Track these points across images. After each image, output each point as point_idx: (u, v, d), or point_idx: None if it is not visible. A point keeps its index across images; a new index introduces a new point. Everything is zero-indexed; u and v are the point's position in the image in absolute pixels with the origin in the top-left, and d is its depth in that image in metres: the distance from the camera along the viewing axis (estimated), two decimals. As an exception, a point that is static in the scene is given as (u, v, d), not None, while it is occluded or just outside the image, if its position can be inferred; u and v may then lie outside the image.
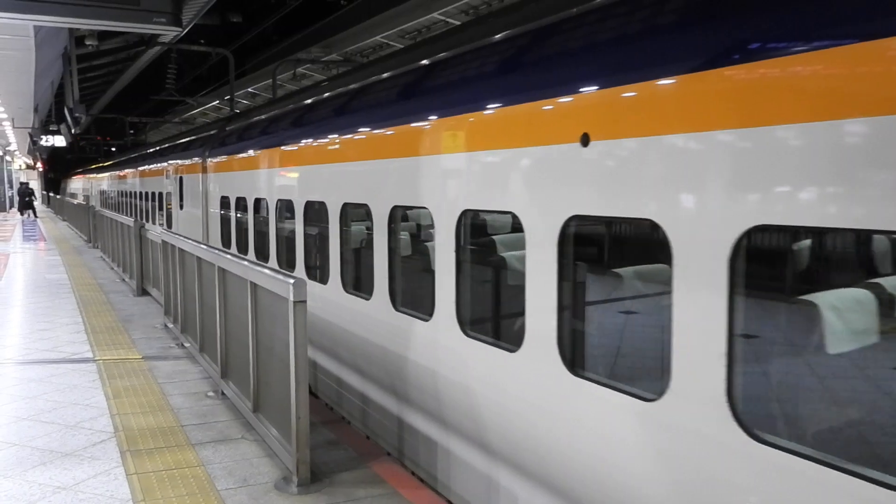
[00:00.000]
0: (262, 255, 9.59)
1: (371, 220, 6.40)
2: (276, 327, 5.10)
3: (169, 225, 16.22)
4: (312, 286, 6.71)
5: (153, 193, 18.89)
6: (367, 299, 6.47)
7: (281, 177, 8.85)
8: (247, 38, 26.96)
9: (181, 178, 14.81)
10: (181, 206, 14.86)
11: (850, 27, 2.69)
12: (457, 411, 5.12)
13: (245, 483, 4.83)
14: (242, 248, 10.62)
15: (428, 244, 5.69)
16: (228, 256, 6.41)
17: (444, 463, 5.38)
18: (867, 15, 2.64)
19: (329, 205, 7.29)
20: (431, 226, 5.44)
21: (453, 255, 5.15)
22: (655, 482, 3.47)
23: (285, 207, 8.79)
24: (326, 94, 8.48)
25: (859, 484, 2.56)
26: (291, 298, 4.61)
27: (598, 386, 3.79)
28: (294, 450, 4.75)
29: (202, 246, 7.52)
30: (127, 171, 25.20)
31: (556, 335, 4.04)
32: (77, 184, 51.59)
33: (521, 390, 4.36)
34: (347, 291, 6.99)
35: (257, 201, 9.83)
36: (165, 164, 16.92)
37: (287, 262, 8.75)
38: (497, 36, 5.22)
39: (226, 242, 11.62)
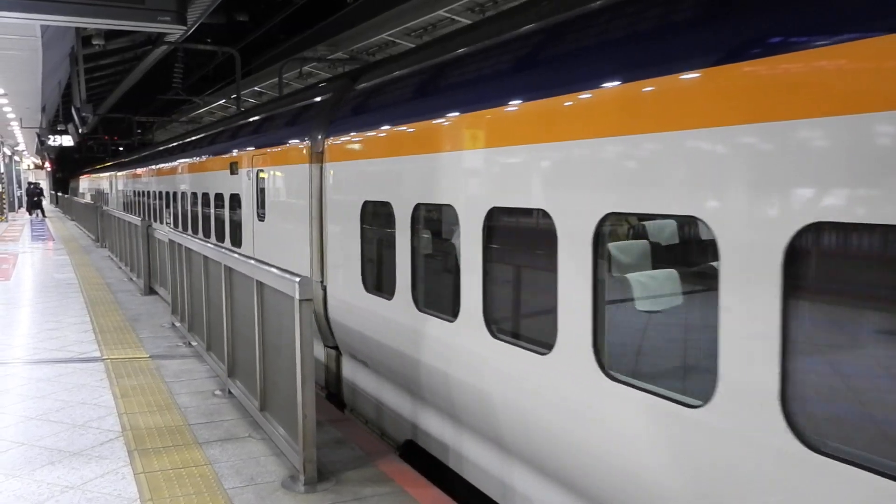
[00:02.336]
0: (537, 337, 4.61)
1: None
2: (282, 326, 5.10)
3: (236, 242, 11.09)
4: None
5: (204, 196, 13.41)
6: None
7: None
8: (253, 36, 26.96)
9: (258, 174, 9.98)
10: (260, 216, 9.83)
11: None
12: None
13: (252, 482, 4.83)
14: (441, 305, 5.58)
15: None
16: (235, 255, 6.41)
17: None
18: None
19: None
20: None
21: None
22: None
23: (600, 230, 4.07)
24: None
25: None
26: (297, 297, 4.61)
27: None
28: (301, 448, 4.75)
29: (208, 245, 7.52)
30: (159, 165, 19.23)
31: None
32: (89, 184, 46.29)
33: None
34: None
35: (497, 217, 4.92)
36: (228, 153, 11.69)
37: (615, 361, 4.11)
38: None
39: (375, 285, 6.68)
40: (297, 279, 4.66)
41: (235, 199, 11.15)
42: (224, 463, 5.15)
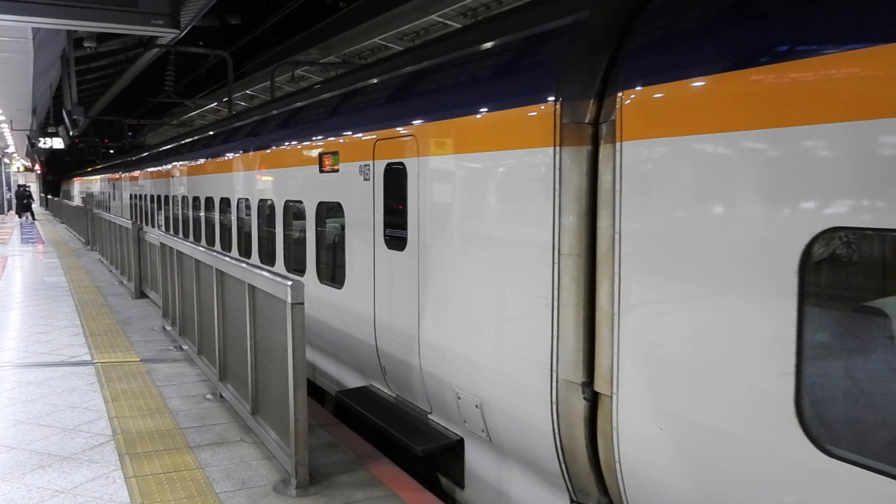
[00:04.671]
0: None
1: None
2: (273, 330, 5.09)
3: (332, 278, 7.30)
4: None
5: (265, 207, 9.32)
6: None
7: None
8: (245, 39, 26.95)
9: (389, 171, 6.02)
10: (394, 243, 5.98)
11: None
12: None
13: (244, 486, 4.82)
14: None
15: None
16: (227, 259, 6.40)
17: None
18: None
19: None
20: None
21: None
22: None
23: None
24: None
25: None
26: (289, 300, 4.61)
27: None
28: (293, 452, 4.74)
29: (200, 248, 7.49)
30: (188, 163, 14.31)
31: None
32: (86, 188, 41.73)
33: None
34: None
35: None
36: (314, 138, 7.61)
37: None
38: None
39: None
40: (290, 283, 4.66)
41: (329, 212, 7.36)
42: (215, 467, 5.14)
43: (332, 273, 7.32)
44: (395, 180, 5.94)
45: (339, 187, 6.95)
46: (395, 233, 5.97)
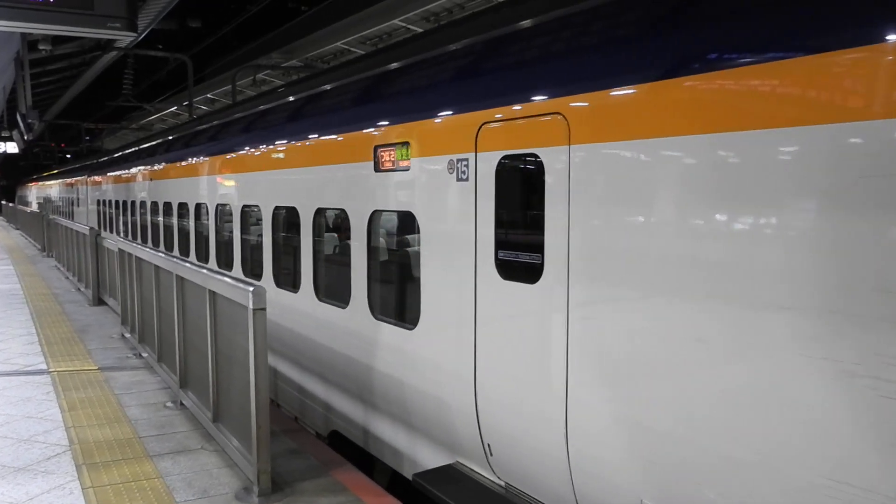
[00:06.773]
0: None
1: None
2: (235, 336, 5.05)
3: (399, 314, 5.53)
4: None
5: (280, 216, 7.52)
6: None
7: None
8: (206, 43, 26.64)
9: (526, 166, 4.17)
10: (515, 271, 4.23)
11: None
12: None
13: (205, 494, 4.77)
14: None
15: None
16: (187, 264, 6.33)
17: None
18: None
19: None
20: None
21: None
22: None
23: None
24: None
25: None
26: (251, 306, 4.58)
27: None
28: (255, 459, 4.71)
29: (159, 254, 7.39)
30: (190, 160, 10.86)
31: None
32: (44, 195, 38.28)
33: None
34: None
35: None
36: (367, 123, 5.75)
37: None
38: None
39: None
40: (251, 288, 4.63)
41: (390, 224, 5.86)
42: (176, 476, 5.07)
43: (397, 307, 5.62)
44: (520, 180, 4.23)
45: (410, 191, 5.22)
46: (519, 257, 4.23)
